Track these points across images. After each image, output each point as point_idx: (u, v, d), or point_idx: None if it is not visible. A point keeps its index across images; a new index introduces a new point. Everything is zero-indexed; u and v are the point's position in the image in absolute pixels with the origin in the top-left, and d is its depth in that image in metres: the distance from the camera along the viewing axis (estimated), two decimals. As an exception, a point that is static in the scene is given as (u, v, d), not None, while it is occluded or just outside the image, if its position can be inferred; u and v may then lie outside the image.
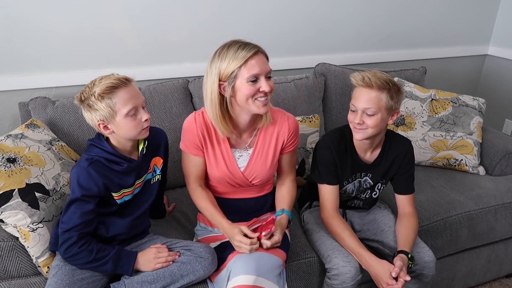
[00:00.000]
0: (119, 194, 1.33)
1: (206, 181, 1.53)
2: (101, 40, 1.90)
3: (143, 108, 1.29)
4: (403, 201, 1.57)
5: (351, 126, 1.45)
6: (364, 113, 1.39)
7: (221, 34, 2.09)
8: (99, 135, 1.32)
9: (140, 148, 1.37)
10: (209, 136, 1.43)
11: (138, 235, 1.45)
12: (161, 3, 1.95)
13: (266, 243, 1.33)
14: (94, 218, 1.29)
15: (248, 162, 1.46)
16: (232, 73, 1.27)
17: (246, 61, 1.26)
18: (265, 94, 1.31)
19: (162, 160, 1.46)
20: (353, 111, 1.43)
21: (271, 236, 1.35)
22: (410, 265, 1.40)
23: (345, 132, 1.51)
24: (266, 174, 1.47)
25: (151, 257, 1.32)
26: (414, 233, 1.48)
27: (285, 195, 1.54)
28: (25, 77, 1.83)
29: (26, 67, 1.83)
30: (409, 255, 1.40)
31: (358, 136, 1.44)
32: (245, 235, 1.33)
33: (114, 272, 1.32)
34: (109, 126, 1.26)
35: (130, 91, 1.25)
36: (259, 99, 1.31)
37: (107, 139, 1.33)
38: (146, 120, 1.28)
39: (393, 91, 1.39)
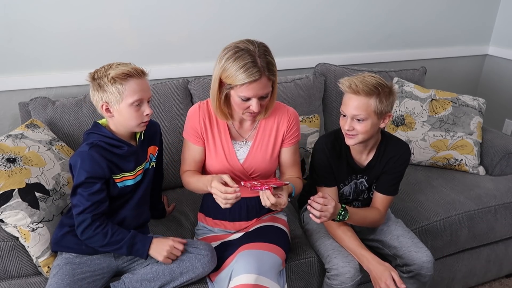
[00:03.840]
0: (120, 177, 1.33)
1: None
2: (101, 40, 1.90)
3: (148, 102, 1.31)
4: (377, 198, 1.54)
5: (342, 131, 1.45)
6: (354, 119, 1.38)
7: (221, 34, 2.09)
8: (96, 124, 1.34)
9: (138, 136, 1.39)
10: (211, 125, 1.45)
11: (140, 227, 1.45)
12: (161, 3, 1.95)
13: (270, 198, 1.26)
14: (104, 198, 1.29)
15: (247, 154, 1.46)
16: (230, 84, 1.30)
17: (243, 84, 1.27)
18: (253, 112, 1.33)
19: (157, 148, 1.48)
20: (344, 116, 1.43)
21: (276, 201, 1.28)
22: (340, 211, 1.39)
23: (339, 135, 1.50)
24: (265, 167, 1.47)
25: (165, 248, 1.32)
26: (365, 211, 1.50)
27: (289, 179, 1.52)
28: (25, 77, 1.83)
29: (26, 67, 1.83)
30: (343, 206, 1.40)
31: (349, 142, 1.44)
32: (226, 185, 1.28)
33: (129, 255, 1.34)
34: (111, 109, 1.28)
35: (142, 84, 1.28)
36: (247, 113, 1.36)
37: (105, 127, 1.34)
38: (147, 114, 1.30)
39: (383, 95, 1.36)
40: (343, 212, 1.39)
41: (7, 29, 1.74)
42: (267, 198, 1.27)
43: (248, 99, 1.31)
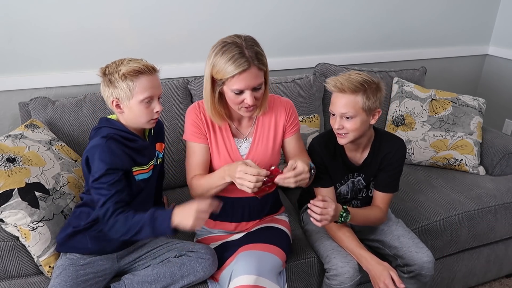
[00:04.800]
0: (135, 170, 1.32)
1: None
2: (101, 40, 1.90)
3: (158, 99, 1.31)
4: (377, 196, 1.55)
5: (334, 131, 1.46)
6: (343, 118, 1.39)
7: (221, 34, 2.06)
8: (107, 119, 1.33)
9: (147, 131, 1.39)
10: (212, 122, 1.44)
11: None
12: (161, 3, 1.95)
13: (287, 180, 1.24)
14: (124, 187, 1.26)
15: (249, 149, 1.47)
16: (221, 79, 1.29)
17: (233, 76, 1.26)
18: (249, 105, 1.32)
19: (164, 145, 1.48)
20: (333, 115, 1.43)
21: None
22: (341, 214, 1.39)
23: (333, 135, 1.50)
24: (268, 160, 1.47)
25: (191, 213, 1.20)
26: (367, 210, 1.50)
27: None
28: (25, 77, 1.84)
29: (26, 67, 1.83)
30: (344, 207, 1.41)
31: (341, 142, 1.45)
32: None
33: (154, 235, 1.23)
34: (121, 106, 1.28)
35: (152, 80, 1.28)
36: (242, 107, 1.34)
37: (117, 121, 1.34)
38: (157, 111, 1.30)
39: (370, 91, 1.37)
40: (345, 214, 1.39)
41: (7, 29, 1.74)
42: (287, 182, 1.25)
43: (241, 92, 1.29)
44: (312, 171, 1.37)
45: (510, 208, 1.89)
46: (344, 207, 1.41)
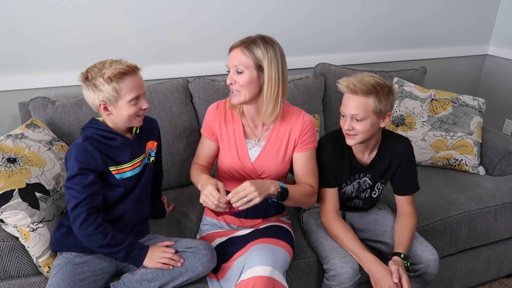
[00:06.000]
0: (116, 168, 1.34)
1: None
2: (101, 40, 1.90)
3: (143, 96, 1.33)
4: (401, 200, 1.57)
5: (343, 131, 1.46)
6: (353, 119, 1.39)
7: (221, 34, 2.09)
8: (93, 119, 1.36)
9: (134, 129, 1.40)
10: (226, 123, 1.50)
11: (140, 224, 1.45)
12: (161, 3, 1.95)
13: (230, 195, 1.26)
14: (98, 191, 1.29)
15: (259, 154, 1.48)
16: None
17: None
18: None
19: (156, 143, 1.49)
20: (343, 116, 1.43)
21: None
22: (406, 264, 1.39)
23: (341, 135, 1.50)
24: (276, 169, 1.48)
25: (156, 254, 1.33)
26: (409, 232, 1.48)
27: (292, 183, 1.49)
28: (25, 77, 1.83)
29: (26, 67, 1.83)
30: (402, 255, 1.40)
31: (349, 142, 1.45)
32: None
33: (123, 261, 1.34)
34: (109, 108, 1.29)
35: (137, 80, 1.30)
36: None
37: (102, 122, 1.36)
38: (145, 108, 1.33)
39: (382, 94, 1.36)
40: (403, 256, 1.40)
41: (8, 28, 1.74)
42: (233, 202, 1.26)
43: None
44: (280, 189, 1.33)
45: (510, 208, 1.89)
46: (399, 255, 1.40)
